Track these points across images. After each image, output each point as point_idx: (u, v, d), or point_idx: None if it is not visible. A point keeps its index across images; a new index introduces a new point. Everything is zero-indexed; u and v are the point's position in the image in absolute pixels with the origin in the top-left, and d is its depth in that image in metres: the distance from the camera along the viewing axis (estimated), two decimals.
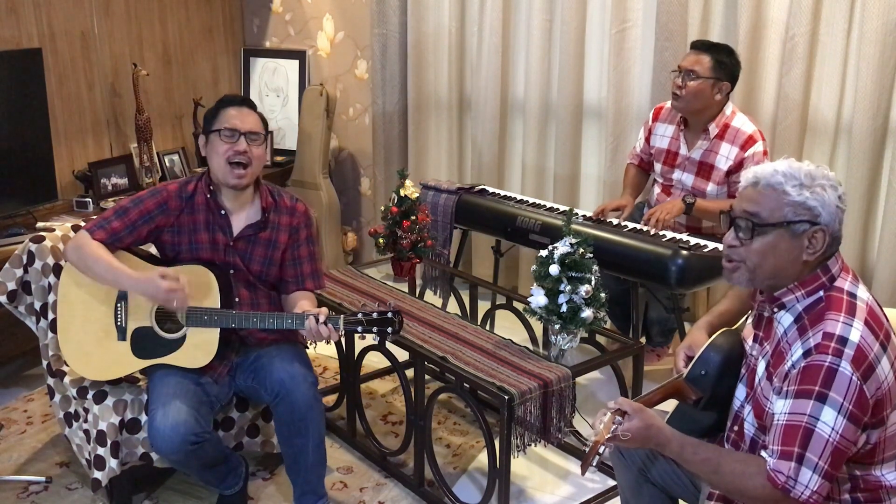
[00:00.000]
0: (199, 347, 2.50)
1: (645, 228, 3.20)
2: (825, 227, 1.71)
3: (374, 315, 2.41)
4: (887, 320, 1.75)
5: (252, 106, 2.62)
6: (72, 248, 2.53)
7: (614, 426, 1.76)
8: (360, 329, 2.42)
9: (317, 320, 2.41)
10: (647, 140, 3.53)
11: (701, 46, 3.26)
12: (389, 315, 2.41)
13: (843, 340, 1.64)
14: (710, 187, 3.31)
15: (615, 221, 3.30)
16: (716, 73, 3.21)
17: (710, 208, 3.24)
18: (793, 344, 1.73)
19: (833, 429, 1.62)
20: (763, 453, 1.72)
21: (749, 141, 3.21)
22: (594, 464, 1.75)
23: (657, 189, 3.53)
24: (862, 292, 1.74)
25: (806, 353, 1.68)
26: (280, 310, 2.69)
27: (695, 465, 1.79)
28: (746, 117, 3.30)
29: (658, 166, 3.49)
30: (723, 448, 1.81)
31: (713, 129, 3.27)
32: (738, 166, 3.22)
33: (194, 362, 2.50)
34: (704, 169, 3.32)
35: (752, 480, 1.70)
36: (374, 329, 2.41)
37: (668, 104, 3.45)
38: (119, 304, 2.53)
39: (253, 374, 2.58)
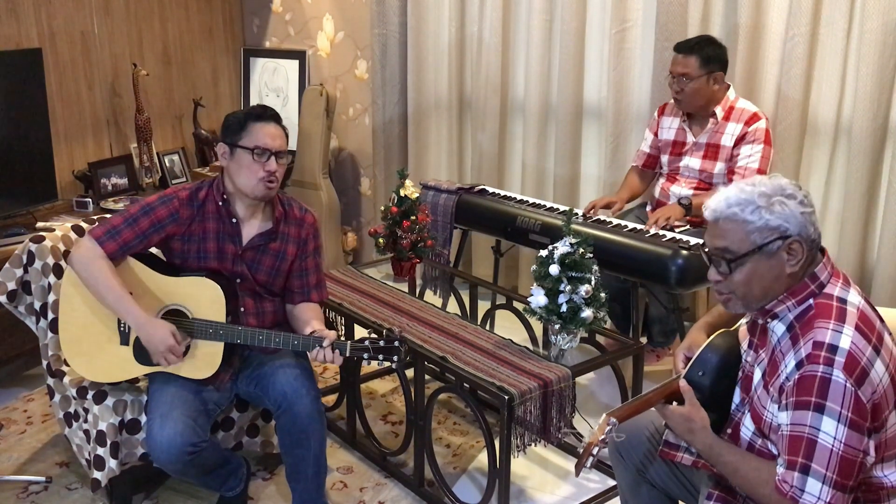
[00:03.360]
0: (202, 359, 2.49)
1: (644, 228, 3.20)
2: (798, 237, 1.71)
3: (381, 343, 2.42)
4: (882, 322, 1.75)
5: (280, 120, 2.58)
6: (81, 261, 2.45)
7: (608, 427, 1.79)
8: (366, 356, 2.43)
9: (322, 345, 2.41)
10: (656, 134, 3.57)
11: (684, 49, 3.33)
12: (396, 344, 2.42)
13: (834, 348, 1.65)
14: (718, 167, 3.38)
15: (615, 221, 3.31)
16: (706, 68, 3.30)
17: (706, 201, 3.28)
18: (786, 354, 1.73)
19: (835, 438, 1.62)
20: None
21: (753, 117, 3.31)
22: (588, 465, 1.76)
23: (661, 181, 3.57)
24: (853, 297, 1.74)
25: (798, 365, 1.68)
26: (284, 318, 2.68)
27: (718, 465, 1.84)
28: (749, 102, 3.41)
29: (665, 158, 3.55)
30: (746, 453, 1.82)
31: (720, 112, 3.37)
32: (741, 139, 3.31)
33: (197, 374, 2.49)
34: (711, 150, 3.39)
35: (763, 488, 1.73)
36: (380, 356, 2.42)
37: (672, 101, 3.52)
38: None
39: (256, 382, 2.58)
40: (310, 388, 2.53)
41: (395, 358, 2.42)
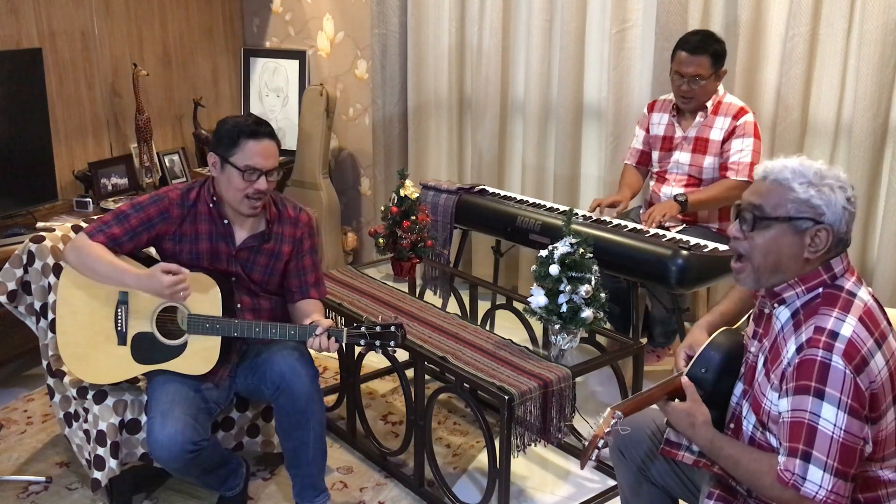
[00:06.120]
0: (199, 355, 2.49)
1: (644, 228, 3.21)
2: (829, 227, 1.71)
3: (377, 328, 2.41)
4: (888, 322, 1.75)
5: (273, 135, 2.52)
6: (71, 250, 2.50)
7: (613, 420, 1.79)
8: (362, 342, 2.42)
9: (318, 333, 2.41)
10: (647, 130, 3.58)
11: (694, 49, 3.29)
12: (392, 328, 2.40)
13: (834, 335, 1.66)
14: (707, 161, 3.39)
15: (615, 221, 3.31)
16: (715, 66, 3.31)
17: (701, 199, 3.33)
18: (788, 340, 1.74)
19: (836, 425, 1.63)
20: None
21: (741, 111, 3.33)
22: (593, 458, 1.77)
23: (653, 180, 3.58)
24: (863, 293, 1.75)
25: (799, 349, 1.69)
26: (283, 313, 2.68)
27: (719, 460, 1.84)
28: (735, 97, 3.43)
29: (655, 154, 3.56)
30: (746, 446, 1.83)
31: (709, 106, 3.38)
32: (730, 134, 3.33)
33: (195, 369, 2.49)
34: (700, 144, 3.40)
35: (764, 479, 1.73)
36: (377, 342, 2.41)
37: (662, 98, 3.55)
38: (119, 309, 2.51)
39: (254, 371, 2.58)
40: (308, 368, 2.52)
41: (393, 343, 2.40)
